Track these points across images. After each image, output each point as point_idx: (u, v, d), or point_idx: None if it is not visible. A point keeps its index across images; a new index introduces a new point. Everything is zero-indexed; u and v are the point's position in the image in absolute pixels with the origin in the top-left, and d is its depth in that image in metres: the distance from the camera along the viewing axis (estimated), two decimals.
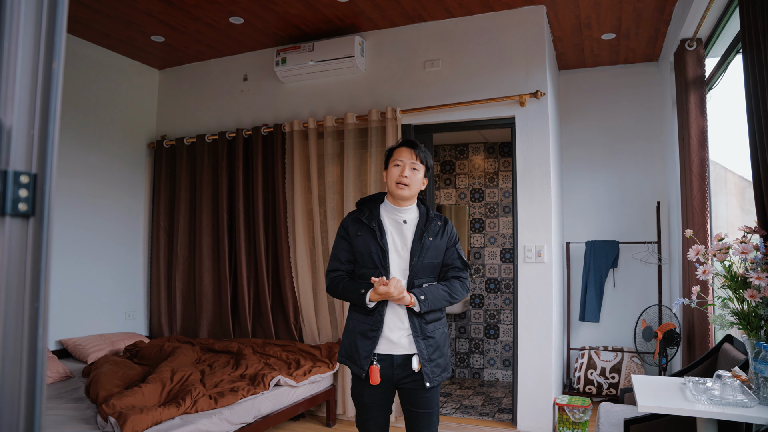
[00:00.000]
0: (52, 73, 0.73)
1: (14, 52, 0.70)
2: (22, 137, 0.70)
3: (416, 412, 2.33)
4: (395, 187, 2.32)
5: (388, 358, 2.28)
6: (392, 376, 2.29)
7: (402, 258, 2.31)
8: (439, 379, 2.31)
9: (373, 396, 2.31)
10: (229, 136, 5.03)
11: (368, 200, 2.45)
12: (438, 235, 2.36)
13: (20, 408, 0.66)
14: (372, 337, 2.27)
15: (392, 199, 2.37)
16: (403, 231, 2.35)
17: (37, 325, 0.70)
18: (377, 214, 2.37)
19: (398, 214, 2.37)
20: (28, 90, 0.71)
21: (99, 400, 3.00)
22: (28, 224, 0.70)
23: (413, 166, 2.33)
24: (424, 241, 2.31)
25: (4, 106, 0.69)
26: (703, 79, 3.71)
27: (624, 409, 3.19)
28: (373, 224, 2.32)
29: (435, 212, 2.44)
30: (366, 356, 2.27)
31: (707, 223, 3.67)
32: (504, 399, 5.14)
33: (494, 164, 6.15)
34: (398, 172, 2.32)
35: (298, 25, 4.53)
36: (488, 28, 4.35)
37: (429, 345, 2.28)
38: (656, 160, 5.08)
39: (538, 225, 4.17)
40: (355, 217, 2.40)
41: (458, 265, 2.40)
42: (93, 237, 4.88)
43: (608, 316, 5.16)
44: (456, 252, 2.41)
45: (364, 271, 2.33)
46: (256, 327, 4.84)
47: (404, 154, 2.34)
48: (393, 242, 2.33)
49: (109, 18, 4.38)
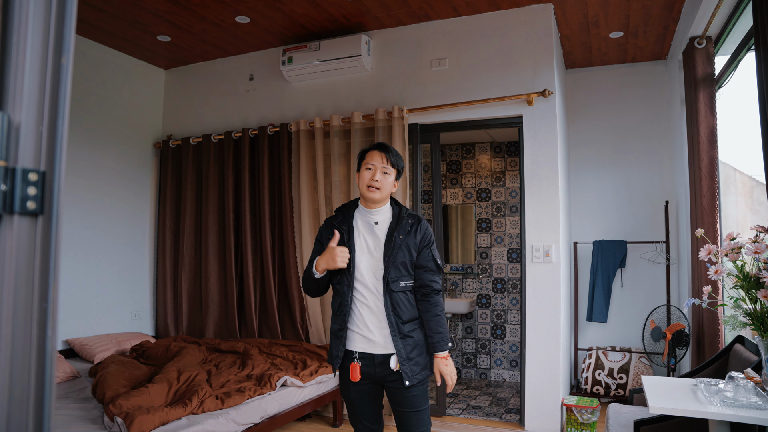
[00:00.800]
0: (61, 68, 0.71)
1: (23, 48, 0.69)
2: (31, 134, 0.69)
3: (403, 412, 2.37)
4: (366, 190, 2.37)
5: (369, 357, 2.34)
6: (374, 373, 2.35)
7: (375, 258, 2.37)
8: (419, 377, 2.33)
9: (360, 392, 2.39)
10: (235, 135, 5.02)
11: (345, 206, 2.52)
12: (410, 234, 2.38)
13: (29, 410, 0.64)
14: (340, 336, 2.36)
15: (364, 201, 2.43)
16: (375, 232, 2.40)
17: (46, 326, 0.68)
18: (350, 217, 2.44)
19: (370, 216, 2.42)
20: (36, 86, 0.70)
21: (106, 400, 3.00)
22: (37, 223, 0.69)
23: (384, 170, 2.38)
24: (395, 240, 2.35)
25: (13, 102, 0.68)
26: (712, 77, 3.68)
27: (633, 410, 3.16)
28: (343, 227, 2.40)
29: (410, 211, 2.48)
30: (337, 355, 2.36)
31: (717, 222, 3.64)
32: (511, 399, 5.11)
33: (501, 164, 6.12)
34: (369, 176, 2.37)
35: (305, 24, 4.52)
36: (495, 27, 4.33)
37: (407, 344, 2.32)
38: (664, 159, 5.05)
39: (546, 225, 4.14)
40: (329, 222, 2.48)
41: (432, 267, 2.40)
42: (99, 237, 4.89)
43: (616, 316, 5.13)
44: (430, 254, 2.41)
45: (336, 272, 2.40)
46: (263, 327, 4.83)
47: (375, 158, 2.40)
48: (365, 243, 2.39)
49: (115, 18, 4.38)
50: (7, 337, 0.64)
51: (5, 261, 0.66)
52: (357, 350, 2.34)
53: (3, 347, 0.64)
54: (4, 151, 0.66)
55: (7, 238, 0.67)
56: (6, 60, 0.68)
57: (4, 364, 0.63)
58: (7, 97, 0.68)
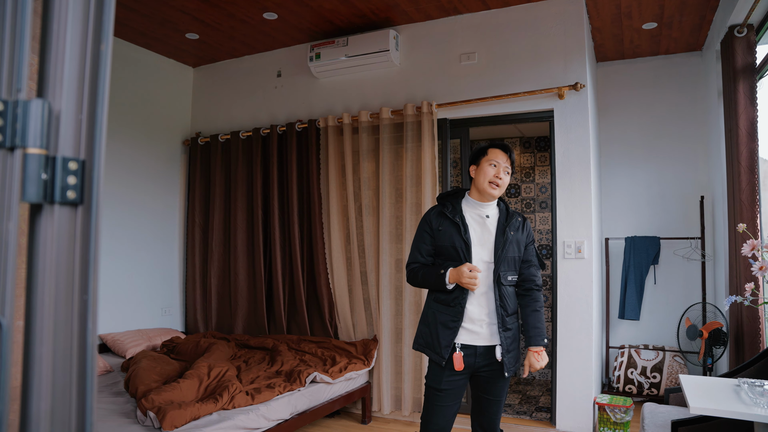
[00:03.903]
0: (101, 55, 0.70)
1: (63, 34, 0.67)
2: (71, 122, 0.67)
3: (489, 399, 2.48)
4: (487, 186, 2.43)
5: (472, 348, 2.40)
6: (474, 364, 2.41)
7: (485, 251, 2.43)
8: (515, 368, 2.44)
9: (453, 382, 2.42)
10: (263, 132, 5.03)
11: (449, 195, 2.57)
12: (519, 230, 2.49)
13: (72, 402, 0.63)
14: (453, 328, 2.38)
15: (477, 195, 2.50)
16: (486, 225, 2.47)
17: (87, 318, 0.67)
18: (460, 209, 2.48)
19: (481, 210, 2.49)
20: (76, 73, 0.68)
21: (138, 394, 3.03)
22: (77, 213, 0.67)
23: (507, 170, 2.47)
24: (507, 235, 2.43)
25: (53, 89, 0.67)
26: (753, 67, 3.56)
27: (670, 410, 3.08)
28: (456, 219, 2.43)
29: (513, 210, 2.59)
30: (447, 345, 2.38)
31: (757, 217, 3.52)
32: (541, 398, 5.04)
33: (530, 159, 6.04)
34: (494, 172, 2.43)
35: (332, 19, 4.50)
36: (525, 20, 4.26)
37: (508, 337, 2.41)
38: (699, 153, 4.92)
39: (578, 221, 4.07)
40: (438, 211, 2.51)
41: (535, 262, 2.55)
42: (130, 233, 4.95)
43: (648, 314, 5.02)
44: (534, 249, 2.55)
45: (449, 264, 2.42)
46: (291, 323, 4.84)
47: (500, 156, 2.46)
48: (476, 236, 2.45)
49: (144, 17, 4.42)
50: (49, 330, 0.63)
51: (46, 252, 0.65)
52: (460, 342, 2.39)
53: (45, 340, 0.63)
54: (45, 139, 0.64)
55: (47, 228, 0.65)
56: (46, 47, 0.67)
57: (47, 356, 0.62)
58: (47, 85, 0.66)
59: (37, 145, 0.63)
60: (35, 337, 0.63)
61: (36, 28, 0.67)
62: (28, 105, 0.63)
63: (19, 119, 0.62)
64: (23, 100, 0.63)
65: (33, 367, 0.62)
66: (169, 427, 2.67)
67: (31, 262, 0.64)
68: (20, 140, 0.62)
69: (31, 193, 0.63)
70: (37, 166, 0.63)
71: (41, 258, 0.64)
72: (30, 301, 0.64)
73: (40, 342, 0.63)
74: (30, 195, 0.62)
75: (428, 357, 2.49)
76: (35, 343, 0.62)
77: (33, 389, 0.61)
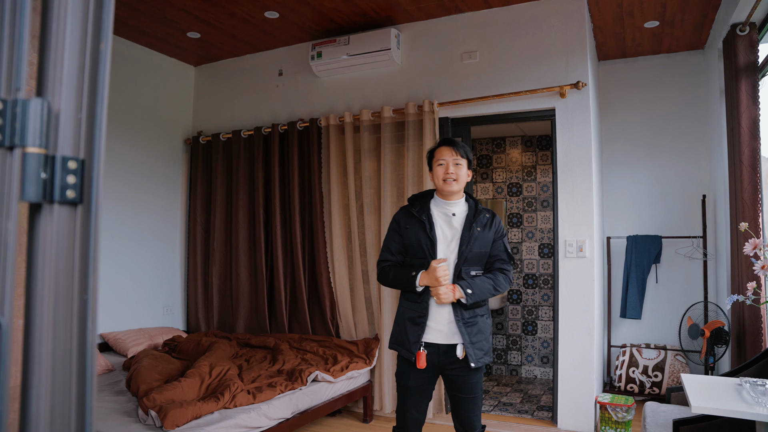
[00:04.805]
0: (100, 54, 0.69)
1: (62, 33, 0.67)
2: (70, 121, 0.67)
3: (461, 397, 2.50)
4: (443, 184, 2.49)
5: (434, 346, 2.45)
6: (437, 362, 2.46)
7: (451, 248, 2.48)
8: (483, 360, 2.45)
9: (419, 380, 2.48)
10: (265, 131, 5.03)
11: (419, 196, 2.64)
12: (486, 226, 2.51)
13: (72, 401, 0.63)
14: (420, 323, 2.45)
15: (441, 194, 2.56)
16: (452, 223, 2.52)
17: (86, 318, 0.67)
18: (427, 208, 2.54)
19: (447, 208, 2.54)
20: (76, 72, 0.68)
21: (140, 393, 3.03)
22: (76, 212, 0.67)
23: (456, 162, 2.50)
24: (473, 231, 2.47)
25: (53, 88, 0.66)
26: (755, 66, 3.55)
27: (671, 409, 3.08)
28: (423, 217, 2.50)
29: (483, 207, 2.60)
30: (415, 341, 2.44)
31: (759, 216, 3.51)
32: (543, 397, 5.04)
33: (532, 158, 6.03)
34: (443, 170, 2.49)
35: (334, 18, 4.50)
36: (527, 18, 4.25)
37: (470, 330, 2.43)
38: (701, 152, 4.91)
39: (580, 219, 4.06)
40: (406, 210, 2.59)
41: (503, 257, 2.56)
42: (131, 232, 4.95)
43: (650, 313, 5.01)
44: (502, 244, 2.56)
45: (415, 261, 2.50)
46: (293, 322, 4.84)
47: (445, 152, 2.51)
48: (442, 233, 2.50)
49: (146, 15, 4.42)
50: (49, 329, 0.63)
51: (45, 252, 0.65)
52: (424, 340, 2.45)
53: (45, 339, 0.62)
54: (44, 138, 0.64)
55: (47, 228, 0.65)
56: (46, 45, 0.67)
57: (47, 355, 0.62)
58: (46, 84, 0.66)
59: (36, 144, 0.63)
60: (35, 336, 0.62)
61: (35, 26, 0.67)
62: (27, 104, 0.63)
63: (19, 118, 0.62)
64: (22, 99, 0.63)
65: (33, 366, 0.62)
66: (171, 426, 2.68)
67: (31, 261, 0.64)
68: (19, 139, 0.62)
69: (31, 193, 0.62)
70: (37, 166, 0.63)
71: (41, 257, 0.64)
72: (30, 300, 0.63)
73: (40, 341, 0.62)
74: (29, 194, 0.62)
75: (399, 354, 2.54)
76: (35, 343, 0.62)
77: (33, 388, 0.61)
